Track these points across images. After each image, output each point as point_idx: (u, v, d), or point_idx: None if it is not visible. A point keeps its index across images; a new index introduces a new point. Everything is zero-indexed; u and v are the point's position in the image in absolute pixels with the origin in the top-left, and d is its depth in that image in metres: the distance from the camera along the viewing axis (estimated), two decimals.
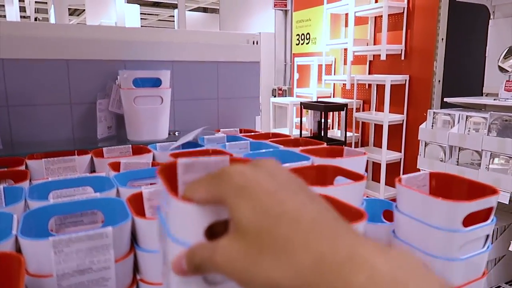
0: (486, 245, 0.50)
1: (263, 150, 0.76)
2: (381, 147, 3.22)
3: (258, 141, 0.83)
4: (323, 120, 3.32)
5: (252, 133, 1.02)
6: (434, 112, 2.67)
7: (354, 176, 0.57)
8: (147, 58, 1.15)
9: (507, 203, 2.23)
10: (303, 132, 3.66)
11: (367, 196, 0.63)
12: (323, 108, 3.23)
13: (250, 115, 1.19)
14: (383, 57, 3.08)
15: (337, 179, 0.60)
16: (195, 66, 1.17)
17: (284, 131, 3.94)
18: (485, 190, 0.49)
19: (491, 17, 2.77)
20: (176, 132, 1.13)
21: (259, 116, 1.19)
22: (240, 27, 6.68)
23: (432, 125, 2.67)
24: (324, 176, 0.61)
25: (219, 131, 1.04)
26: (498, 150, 2.23)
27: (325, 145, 0.79)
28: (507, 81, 2.42)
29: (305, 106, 3.44)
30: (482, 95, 2.86)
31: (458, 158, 2.52)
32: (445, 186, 0.55)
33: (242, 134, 1.02)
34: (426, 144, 2.70)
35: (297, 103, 3.59)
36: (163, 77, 1.08)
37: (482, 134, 2.33)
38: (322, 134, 3.39)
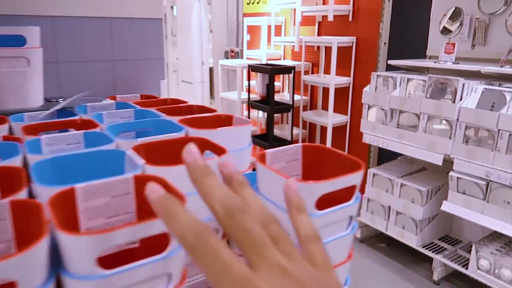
0: (350, 227, 0.45)
1: (142, 120, 0.67)
2: (334, 110, 3.20)
3: (143, 109, 0.74)
4: (271, 83, 3.24)
5: (151, 100, 0.92)
6: (377, 75, 2.66)
7: (219, 151, 0.50)
8: (9, 12, 0.98)
9: (441, 164, 2.29)
10: (252, 95, 3.57)
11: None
12: (270, 71, 3.14)
13: (153, 79, 1.08)
14: (330, 18, 3.00)
15: (206, 153, 0.53)
16: (82, 23, 1.02)
17: (234, 94, 3.85)
18: (352, 165, 0.43)
19: None
20: (60, 99, 1.00)
21: (164, 80, 1.09)
22: None
23: (376, 88, 2.67)
24: None
25: (115, 98, 0.94)
26: (434, 113, 2.26)
27: (217, 112, 0.72)
28: (447, 43, 2.42)
29: (253, 68, 3.34)
30: (426, 58, 2.87)
31: (398, 121, 2.54)
32: (317, 160, 0.49)
33: (141, 100, 0.92)
34: (369, 107, 2.71)
35: (246, 65, 3.47)
36: (29, 34, 0.92)
37: (420, 97, 2.35)
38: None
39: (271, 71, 3.13)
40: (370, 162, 3.25)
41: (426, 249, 2.52)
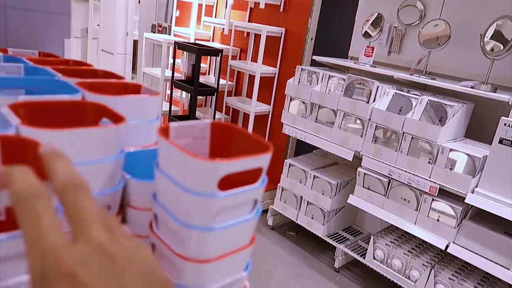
0: (254, 210, 0.43)
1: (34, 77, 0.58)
2: (258, 99, 3.20)
3: (35, 66, 0.64)
4: (198, 64, 3.15)
5: (50, 58, 0.82)
6: (301, 69, 2.72)
7: (117, 119, 0.44)
8: None
9: (351, 160, 2.43)
10: (176, 74, 3.44)
11: None
12: (196, 51, 3.04)
13: (56, 36, 0.96)
14: (262, 6, 2.99)
15: (102, 121, 0.47)
16: None
17: (157, 71, 3.67)
18: (261, 148, 0.41)
19: None
20: None
21: (70, 39, 0.97)
22: None
23: (299, 81, 2.73)
24: (84, 116, 0.48)
25: (6, 50, 0.81)
26: (350, 111, 2.38)
27: (124, 80, 0.65)
28: (367, 46, 2.55)
29: (179, 46, 3.21)
30: (347, 58, 3.00)
31: (317, 116, 2.63)
32: (226, 139, 0.46)
33: (37, 57, 0.81)
34: (291, 99, 2.76)
35: (173, 42, 3.33)
36: None
37: (339, 94, 2.45)
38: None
39: (198, 51, 3.04)
40: (288, 153, 3.34)
41: (331, 238, 2.67)
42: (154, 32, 5.14)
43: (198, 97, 3.39)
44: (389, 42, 2.73)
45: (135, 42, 5.79)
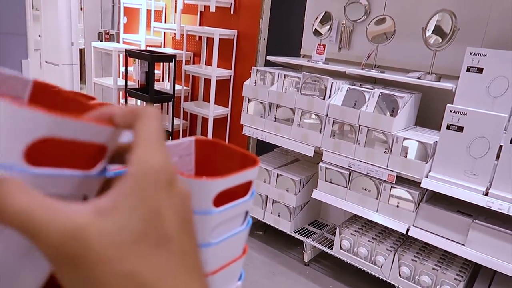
0: (246, 221, 0.44)
1: None
2: (215, 102, 3.21)
3: None
4: (151, 71, 3.10)
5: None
6: (257, 70, 2.75)
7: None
8: None
9: (312, 156, 2.50)
10: (129, 83, 3.37)
11: None
12: (150, 58, 3.00)
13: (13, 57, 0.92)
14: (212, 9, 3.00)
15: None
16: None
17: (109, 80, 3.57)
18: (247, 161, 0.42)
19: None
20: None
21: (27, 60, 0.94)
22: None
23: (255, 82, 2.76)
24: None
25: None
26: (307, 108, 2.44)
27: (96, 101, 0.64)
28: (318, 44, 2.63)
29: (131, 54, 3.15)
30: (300, 56, 3.08)
31: (276, 115, 2.68)
32: (211, 154, 0.47)
33: None
34: (249, 101, 2.79)
35: (123, 50, 3.25)
36: None
37: (295, 92, 2.51)
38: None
39: (152, 58, 2.99)
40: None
41: (298, 234, 2.73)
42: (101, 40, 4.98)
43: (154, 104, 3.34)
44: (339, 39, 2.84)
45: (81, 51, 5.58)
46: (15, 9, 0.90)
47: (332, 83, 2.36)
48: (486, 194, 1.87)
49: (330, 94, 2.37)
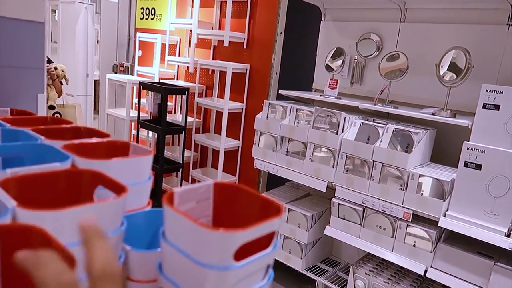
0: (267, 276, 0.41)
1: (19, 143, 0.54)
2: (227, 134, 3.20)
3: (13, 129, 0.61)
4: (164, 103, 3.13)
5: (26, 116, 0.77)
6: (269, 103, 2.76)
7: (116, 188, 0.42)
8: None
9: (325, 191, 2.44)
10: (142, 114, 3.40)
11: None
12: (163, 90, 3.03)
13: (29, 91, 0.92)
14: (226, 44, 3.05)
15: (98, 191, 0.44)
16: None
17: (122, 112, 3.61)
18: (269, 208, 0.39)
19: (323, 18, 2.99)
20: None
21: (43, 94, 0.93)
22: None
23: (267, 116, 2.76)
24: (79, 185, 0.45)
25: None
26: (319, 143, 2.42)
27: (110, 138, 0.62)
28: (331, 79, 2.64)
29: (144, 86, 3.19)
30: (312, 90, 3.09)
31: (288, 148, 2.66)
32: (230, 200, 0.44)
33: (11, 117, 0.77)
34: (261, 134, 2.78)
35: (137, 82, 3.30)
36: None
37: (307, 126, 2.49)
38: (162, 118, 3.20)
39: (165, 91, 3.02)
40: (260, 187, 3.32)
41: (310, 272, 2.63)
42: (116, 72, 5.09)
43: (166, 135, 3.35)
44: (351, 74, 2.84)
45: (96, 82, 5.70)
46: (34, 43, 0.91)
47: (345, 117, 2.34)
48: (509, 236, 1.79)
49: (343, 129, 2.35)
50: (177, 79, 3.86)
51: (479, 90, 1.91)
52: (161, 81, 3.61)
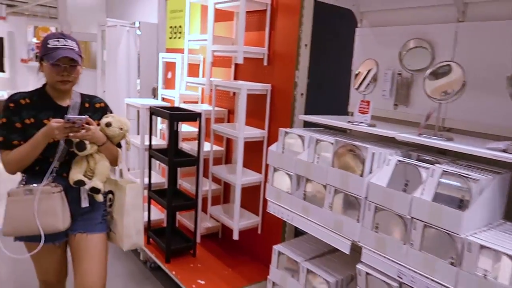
0: None
1: None
2: (248, 166, 2.71)
3: None
4: (172, 131, 2.73)
5: None
6: (285, 132, 2.21)
7: None
8: None
9: (348, 252, 1.81)
10: (161, 142, 3.04)
11: None
12: (168, 116, 2.63)
13: None
14: (239, 60, 2.57)
15: None
16: None
17: (137, 139, 3.29)
18: None
19: (359, 25, 2.39)
20: None
21: None
22: (126, 14, 5.91)
23: (283, 147, 2.21)
24: None
25: None
26: (341, 187, 1.80)
27: None
28: (361, 101, 2.01)
29: (153, 112, 2.83)
30: (348, 114, 2.48)
31: (305, 190, 2.07)
32: None
33: None
34: (275, 170, 2.23)
35: (149, 107, 2.96)
36: None
37: (327, 164, 1.90)
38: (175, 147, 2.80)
39: (171, 117, 2.62)
40: (286, 232, 2.74)
41: None
42: (155, 96, 4.90)
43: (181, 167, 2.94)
44: (394, 93, 2.19)
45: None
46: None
47: (373, 153, 1.71)
48: None
49: (371, 169, 1.72)
50: (201, 102, 3.47)
51: None
52: (181, 105, 3.24)
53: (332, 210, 1.86)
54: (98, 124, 1.84)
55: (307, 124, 2.50)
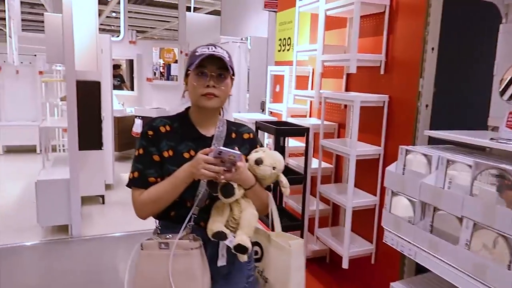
0: None
1: None
2: (361, 187, 2.44)
3: None
4: (278, 146, 2.59)
5: None
6: (406, 150, 1.89)
7: None
8: None
9: None
10: None
11: None
12: (274, 131, 2.50)
13: None
14: (352, 70, 2.31)
15: None
16: None
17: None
18: None
19: (503, 21, 1.95)
20: None
21: None
22: (238, 30, 6.08)
23: (404, 168, 1.89)
24: None
25: None
26: (483, 221, 1.43)
27: None
28: (510, 112, 1.60)
29: (259, 126, 2.73)
30: (487, 129, 2.04)
31: (432, 221, 1.71)
32: None
33: None
34: (393, 194, 1.92)
35: (254, 122, 2.87)
36: None
37: (465, 191, 1.53)
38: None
39: (276, 132, 2.48)
40: (406, 265, 2.37)
41: None
42: (263, 110, 4.88)
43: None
44: None
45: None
46: None
47: None
48: None
49: None
50: (310, 116, 3.28)
51: None
52: (288, 119, 3.10)
53: (470, 249, 1.48)
54: (246, 161, 1.38)
55: (432, 141, 2.13)
